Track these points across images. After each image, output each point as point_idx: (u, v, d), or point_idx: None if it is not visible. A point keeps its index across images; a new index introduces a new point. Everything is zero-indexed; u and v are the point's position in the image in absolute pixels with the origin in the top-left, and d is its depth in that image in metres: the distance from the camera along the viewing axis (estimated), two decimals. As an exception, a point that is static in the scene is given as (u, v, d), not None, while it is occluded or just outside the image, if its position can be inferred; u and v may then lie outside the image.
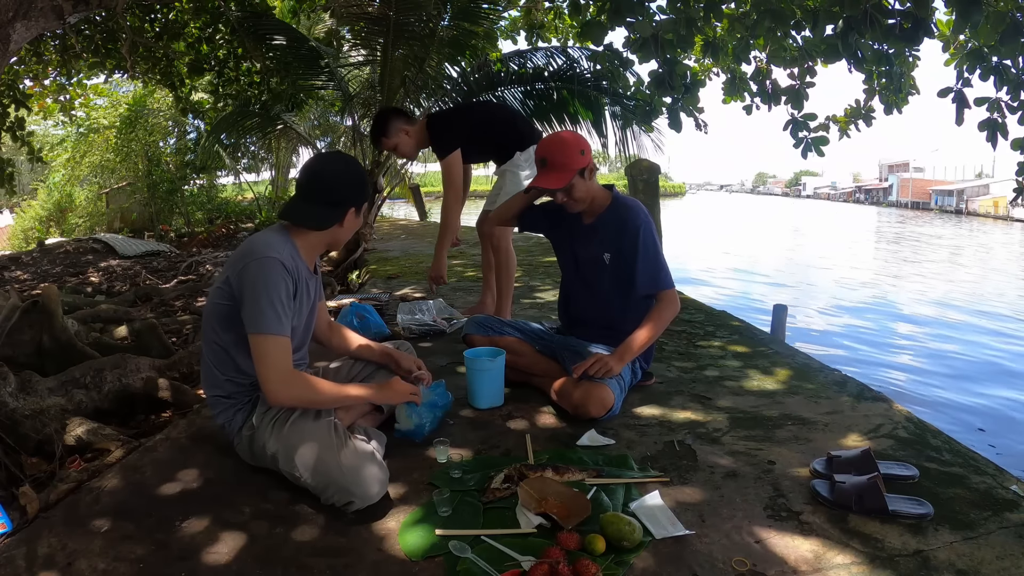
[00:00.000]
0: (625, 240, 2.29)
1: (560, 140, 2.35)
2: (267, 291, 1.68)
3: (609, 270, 2.36)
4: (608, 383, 2.17)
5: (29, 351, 2.96)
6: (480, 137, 3.23)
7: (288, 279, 1.73)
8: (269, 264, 1.70)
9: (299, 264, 1.80)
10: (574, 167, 2.24)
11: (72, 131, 12.49)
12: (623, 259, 2.31)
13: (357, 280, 5.96)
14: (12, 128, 4.92)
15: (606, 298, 2.41)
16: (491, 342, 2.46)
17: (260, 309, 1.67)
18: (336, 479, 1.61)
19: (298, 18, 8.20)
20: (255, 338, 1.68)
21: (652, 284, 2.28)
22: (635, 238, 2.26)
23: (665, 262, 2.31)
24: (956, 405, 5.42)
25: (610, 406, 2.16)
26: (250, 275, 1.70)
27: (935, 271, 14.49)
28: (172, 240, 11.01)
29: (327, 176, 1.83)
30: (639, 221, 2.28)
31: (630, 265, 2.28)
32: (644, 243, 2.26)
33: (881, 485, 1.59)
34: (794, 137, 3.82)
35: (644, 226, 2.28)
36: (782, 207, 48.67)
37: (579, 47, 5.99)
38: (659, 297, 2.29)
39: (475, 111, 3.70)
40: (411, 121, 3.26)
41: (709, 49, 3.74)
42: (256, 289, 1.68)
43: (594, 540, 1.44)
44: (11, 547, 1.53)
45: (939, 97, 3.40)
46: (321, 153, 2.60)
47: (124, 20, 4.39)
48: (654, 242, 2.29)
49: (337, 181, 1.82)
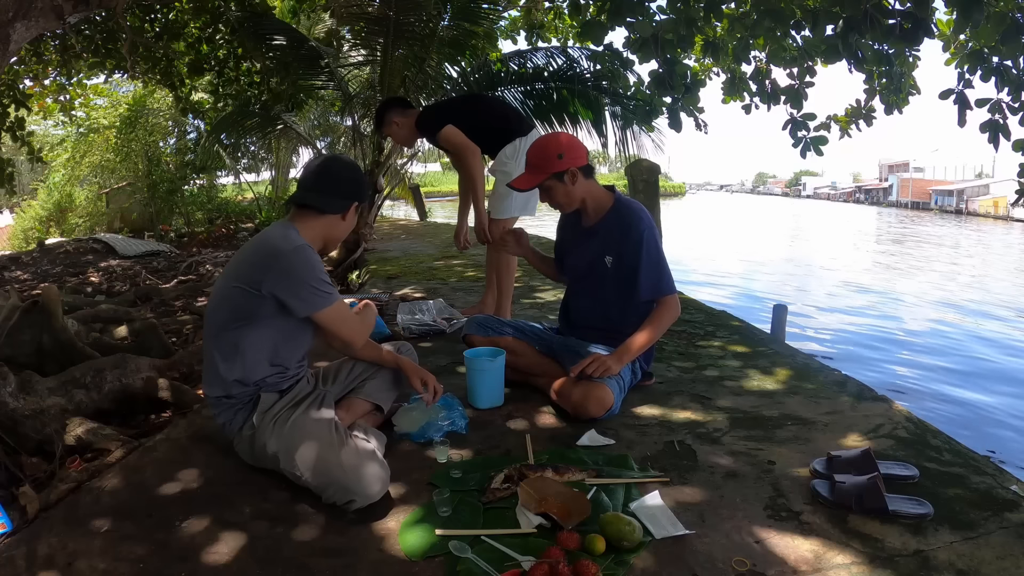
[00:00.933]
0: (628, 245, 2.29)
1: (541, 143, 2.38)
2: (312, 272, 1.78)
3: (610, 273, 2.36)
4: (608, 383, 2.17)
5: (29, 351, 2.96)
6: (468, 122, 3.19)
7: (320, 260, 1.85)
8: (303, 251, 1.79)
9: None
10: (548, 169, 2.26)
11: (72, 131, 12.48)
12: (624, 263, 2.31)
13: (357, 280, 5.96)
14: (12, 128, 4.92)
15: (606, 300, 2.40)
16: (491, 342, 2.46)
17: (313, 289, 1.78)
18: (337, 478, 1.61)
19: (298, 18, 8.21)
20: (322, 314, 1.81)
21: (655, 290, 2.29)
22: (638, 244, 2.26)
23: (667, 267, 2.32)
24: (959, 401, 5.43)
25: (609, 406, 2.16)
26: (289, 266, 1.76)
27: (936, 271, 14.49)
28: (172, 240, 11.00)
29: (336, 169, 1.94)
30: (642, 227, 2.28)
31: (632, 270, 2.29)
32: (647, 249, 2.26)
33: (881, 485, 1.59)
34: (793, 137, 3.82)
35: (647, 231, 2.28)
36: (782, 207, 48.65)
37: (579, 47, 5.98)
38: (660, 302, 2.30)
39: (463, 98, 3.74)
40: (406, 111, 3.34)
41: (709, 49, 3.74)
42: (302, 275, 1.76)
43: (594, 540, 1.44)
44: (11, 547, 1.53)
45: (940, 99, 3.39)
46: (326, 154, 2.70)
47: (124, 20, 4.39)
48: (657, 248, 2.30)
49: (345, 175, 1.93)
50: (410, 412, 2.11)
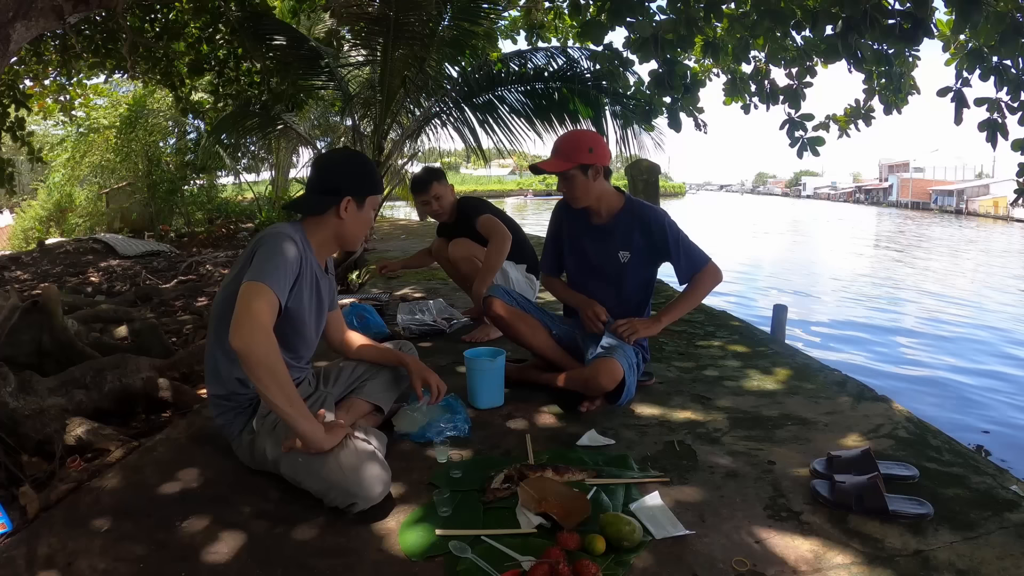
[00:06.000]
0: (649, 237, 2.41)
1: (574, 134, 2.53)
2: (275, 254, 1.68)
3: (624, 268, 2.45)
4: (618, 359, 2.22)
5: (29, 351, 2.96)
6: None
7: (297, 254, 1.73)
8: (281, 236, 1.73)
9: (308, 254, 1.81)
10: (577, 159, 2.33)
11: (72, 131, 12.49)
12: (644, 255, 2.43)
13: (357, 280, 5.96)
14: (12, 128, 4.92)
15: (621, 295, 2.48)
16: (511, 312, 2.48)
17: (261, 264, 1.65)
18: (338, 481, 1.60)
19: (298, 18, 8.20)
20: (248, 284, 1.61)
21: (693, 267, 2.40)
22: (663, 233, 2.39)
23: (694, 244, 2.43)
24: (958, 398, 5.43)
25: (619, 377, 2.20)
26: (261, 245, 1.72)
27: (937, 270, 14.49)
28: (172, 240, 11.00)
29: (322, 164, 1.90)
30: (662, 217, 2.43)
31: (657, 260, 2.44)
32: (673, 239, 2.38)
33: (881, 485, 1.59)
34: (790, 137, 3.83)
35: (667, 219, 2.42)
36: (782, 207, 48.64)
37: (579, 47, 5.99)
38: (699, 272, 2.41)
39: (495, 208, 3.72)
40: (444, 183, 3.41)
41: (709, 49, 3.75)
42: (264, 252, 1.69)
43: (594, 540, 1.43)
44: (11, 547, 1.53)
45: (939, 97, 3.39)
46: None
47: (124, 20, 4.39)
48: (679, 234, 2.43)
49: (331, 169, 1.86)
50: (410, 413, 2.10)
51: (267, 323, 1.59)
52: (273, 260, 1.67)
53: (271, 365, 1.56)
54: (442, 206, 3.35)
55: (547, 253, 2.67)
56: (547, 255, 2.68)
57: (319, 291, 1.89)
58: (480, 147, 6.43)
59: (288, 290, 1.70)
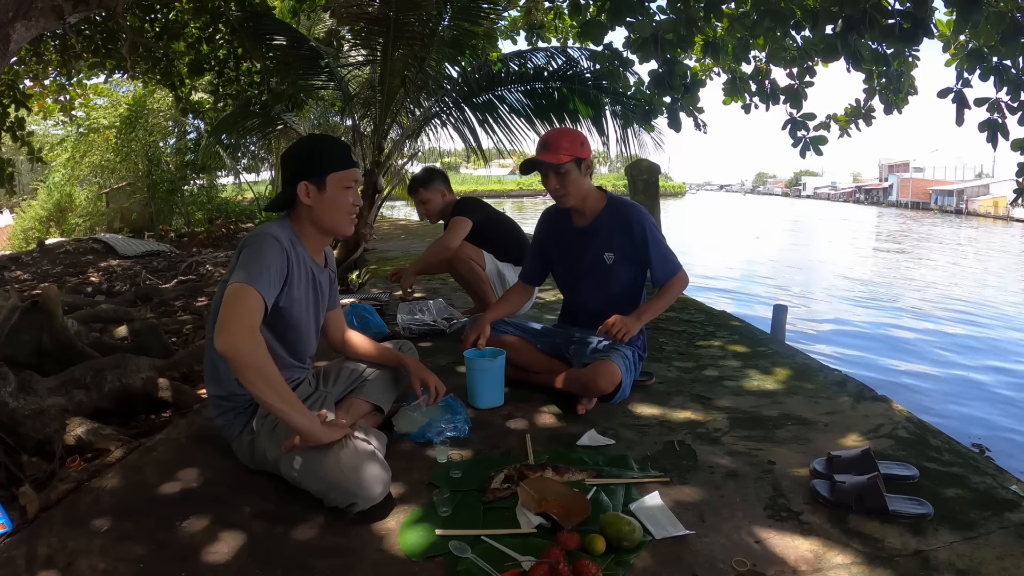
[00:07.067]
0: (631, 238, 2.40)
1: (566, 129, 2.55)
2: (259, 256, 1.68)
3: (611, 269, 2.44)
4: (615, 361, 2.24)
5: (29, 351, 2.96)
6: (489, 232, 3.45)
7: (280, 253, 1.72)
8: (263, 237, 1.73)
9: (299, 249, 1.82)
10: (574, 152, 2.36)
11: (72, 131, 12.50)
12: (628, 255, 2.42)
13: (357, 280, 5.96)
14: (12, 128, 4.92)
15: (611, 296, 2.47)
16: (493, 340, 2.46)
17: (246, 266, 1.65)
18: (338, 481, 1.60)
19: (298, 18, 8.21)
20: (233, 285, 1.61)
21: (666, 273, 2.42)
22: (643, 234, 2.39)
23: (670, 249, 2.46)
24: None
25: (618, 380, 2.22)
26: (246, 246, 1.72)
27: (937, 269, 14.48)
28: (172, 240, 11.01)
29: (282, 157, 1.90)
30: (643, 219, 2.42)
31: (640, 260, 2.43)
32: (652, 241, 2.40)
33: (881, 485, 1.59)
34: (792, 136, 3.82)
35: (648, 223, 2.43)
36: (783, 207, 48.63)
37: (579, 47, 5.98)
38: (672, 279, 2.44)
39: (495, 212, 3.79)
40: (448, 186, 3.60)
41: (709, 49, 3.74)
42: (249, 253, 1.69)
43: (594, 540, 1.43)
44: (11, 547, 1.53)
45: (939, 97, 3.39)
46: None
47: (124, 20, 4.39)
48: (659, 236, 2.44)
49: (285, 160, 1.86)
50: (410, 413, 2.10)
51: (252, 324, 1.60)
52: (258, 261, 1.67)
53: (258, 365, 1.57)
54: (428, 210, 3.58)
55: (529, 262, 2.72)
56: (528, 264, 2.72)
57: (316, 286, 1.89)
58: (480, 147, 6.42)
59: (276, 289, 1.70)
